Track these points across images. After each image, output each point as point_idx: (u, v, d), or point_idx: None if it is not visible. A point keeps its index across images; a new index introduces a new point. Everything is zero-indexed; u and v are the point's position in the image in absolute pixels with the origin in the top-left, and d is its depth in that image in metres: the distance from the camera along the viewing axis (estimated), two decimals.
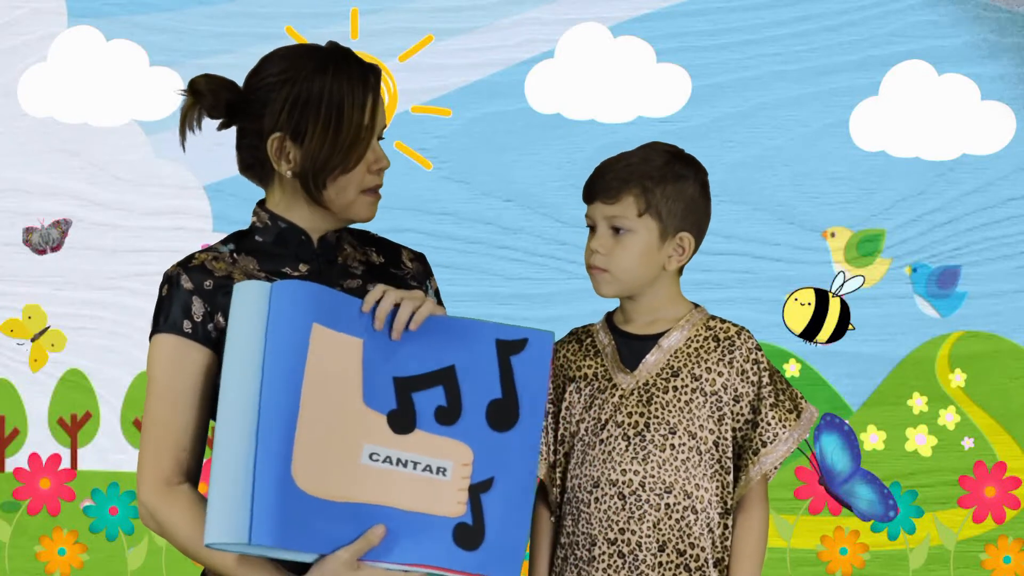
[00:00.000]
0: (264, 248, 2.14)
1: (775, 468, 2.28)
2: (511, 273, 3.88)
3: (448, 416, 2.04)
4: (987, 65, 3.91)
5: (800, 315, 3.92)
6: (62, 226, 3.94)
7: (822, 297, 3.92)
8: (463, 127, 3.90)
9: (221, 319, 2.06)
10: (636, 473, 2.24)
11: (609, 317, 2.37)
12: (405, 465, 2.02)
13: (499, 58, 3.93)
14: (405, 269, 2.23)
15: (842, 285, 3.92)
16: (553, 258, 3.90)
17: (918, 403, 3.91)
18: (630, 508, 2.24)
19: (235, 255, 2.13)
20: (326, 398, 1.97)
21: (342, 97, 2.06)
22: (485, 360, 2.07)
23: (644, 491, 2.24)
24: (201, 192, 3.93)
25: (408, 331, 2.02)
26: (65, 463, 3.93)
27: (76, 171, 3.93)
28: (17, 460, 3.92)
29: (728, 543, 2.27)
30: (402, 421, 2.02)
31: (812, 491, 3.91)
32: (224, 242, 2.16)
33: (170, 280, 2.10)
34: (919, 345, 3.92)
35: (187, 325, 2.06)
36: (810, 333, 3.92)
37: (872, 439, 3.91)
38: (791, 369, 3.90)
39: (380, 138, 2.13)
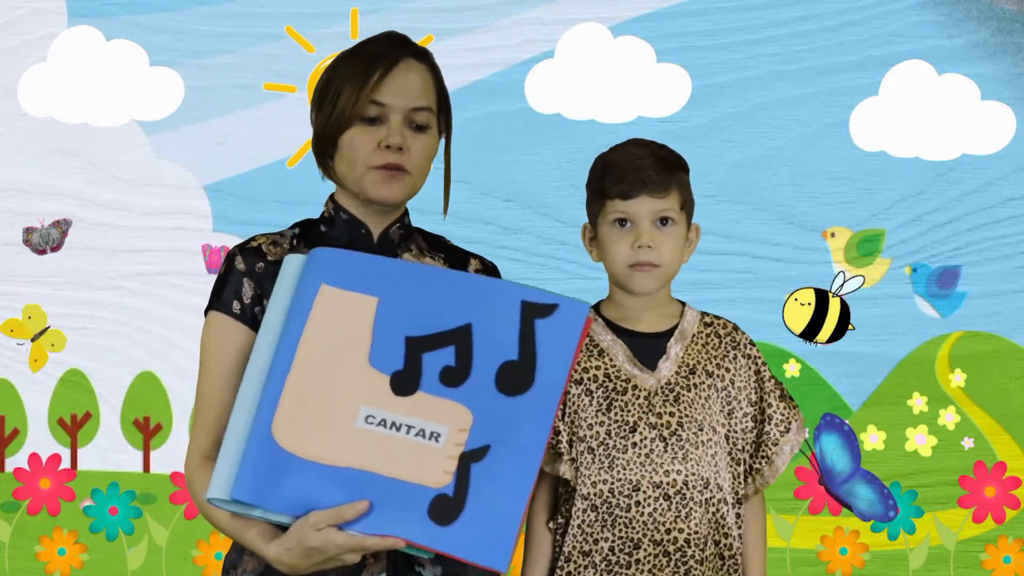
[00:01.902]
0: (325, 238, 2.18)
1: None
2: (511, 273, 3.82)
3: (454, 377, 1.92)
4: (987, 65, 3.91)
5: (800, 315, 3.92)
6: (62, 226, 3.93)
7: (822, 297, 3.92)
8: (463, 127, 3.87)
9: (267, 303, 2.08)
10: (679, 473, 2.24)
11: (600, 314, 2.34)
12: (399, 429, 1.91)
13: (499, 58, 3.93)
14: None
15: (842, 285, 3.92)
16: (553, 258, 3.90)
17: (918, 403, 3.91)
18: (676, 508, 2.23)
19: (295, 241, 2.18)
20: (324, 359, 1.93)
21: (347, 74, 2.13)
22: (506, 321, 1.95)
23: (688, 489, 2.24)
24: (201, 192, 3.93)
25: (429, 289, 1.96)
26: (65, 463, 3.92)
27: (76, 171, 3.93)
28: (17, 460, 3.92)
29: (740, 532, 2.30)
30: (405, 382, 1.92)
31: (812, 491, 3.91)
32: (291, 227, 2.21)
33: (229, 260, 2.15)
34: (919, 345, 3.92)
35: (236, 306, 2.11)
36: (810, 333, 3.92)
37: (872, 439, 3.91)
38: (791, 369, 3.90)
39: (414, 124, 2.14)
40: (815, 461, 3.90)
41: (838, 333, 3.92)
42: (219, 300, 2.13)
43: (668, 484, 2.23)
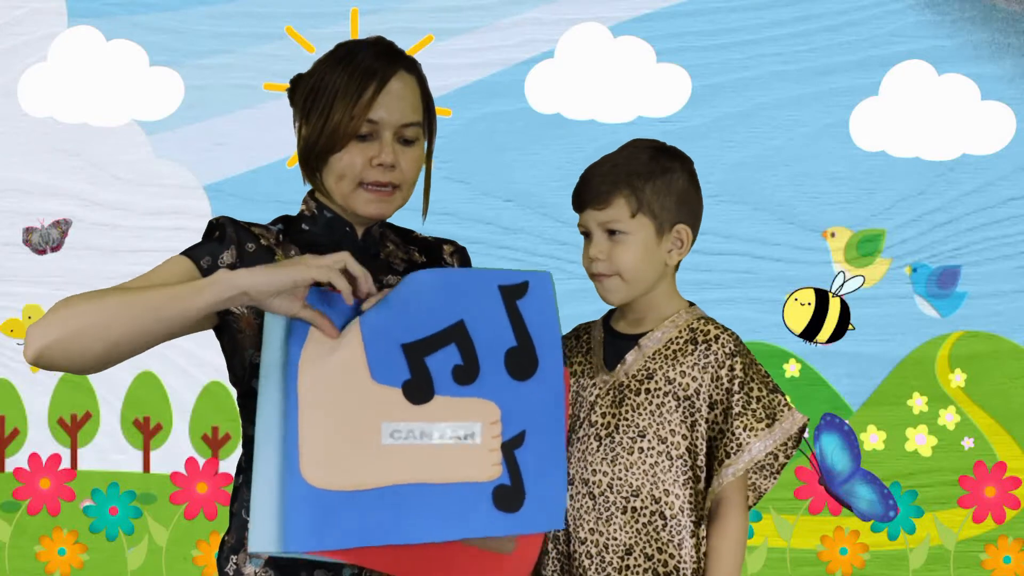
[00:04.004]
0: (309, 237, 2.17)
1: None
2: None
3: (466, 375, 1.95)
4: (987, 65, 3.91)
5: (800, 315, 3.92)
6: (62, 226, 3.93)
7: (822, 297, 3.92)
8: (463, 127, 3.90)
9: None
10: (605, 474, 2.21)
11: (609, 315, 2.35)
12: (431, 437, 1.93)
13: (499, 58, 3.93)
14: (445, 266, 2.26)
15: (842, 285, 3.92)
16: (553, 258, 3.90)
17: (918, 403, 3.91)
18: (599, 509, 2.21)
19: (281, 236, 2.17)
20: (328, 389, 1.92)
21: (339, 87, 2.10)
22: (493, 309, 1.98)
23: (612, 493, 2.21)
24: (201, 192, 3.93)
25: (409, 294, 1.96)
26: (65, 463, 3.92)
27: (76, 171, 3.93)
28: (17, 460, 3.92)
29: (704, 552, 2.23)
30: (419, 390, 1.93)
31: (812, 491, 3.91)
32: (274, 223, 2.20)
33: (219, 226, 2.13)
34: (919, 345, 3.92)
35: (206, 262, 2.09)
36: (810, 333, 3.92)
37: (872, 439, 3.91)
38: (791, 369, 3.90)
39: (403, 139, 2.13)
40: (815, 461, 3.90)
41: (838, 333, 3.92)
42: (191, 250, 2.11)
43: (594, 484, 2.22)
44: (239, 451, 2.19)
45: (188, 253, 2.10)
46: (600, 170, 2.25)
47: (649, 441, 2.21)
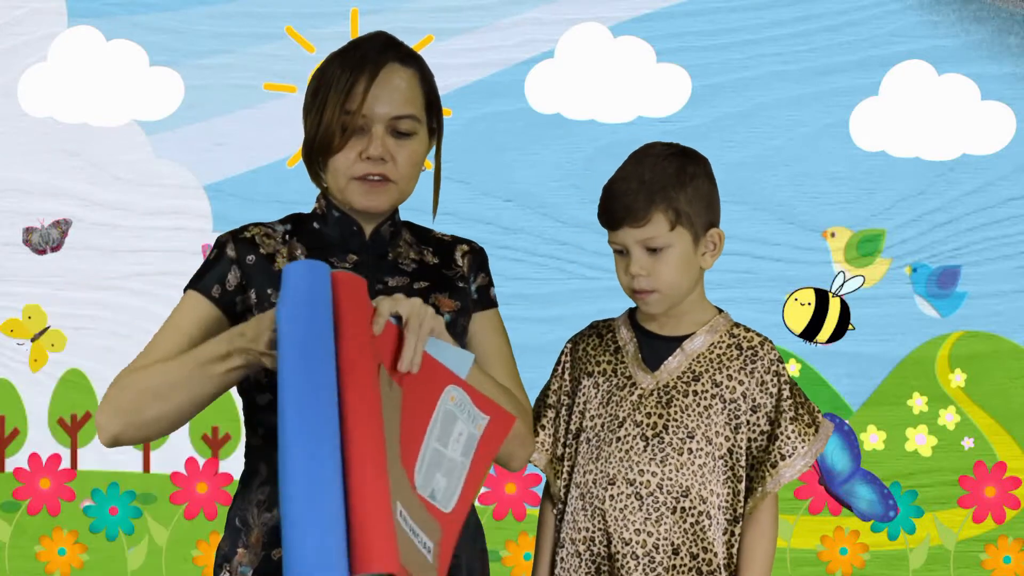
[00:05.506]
0: (319, 235, 2.17)
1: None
2: (511, 273, 3.88)
3: None
4: (987, 65, 3.91)
5: (800, 315, 3.92)
6: (62, 226, 3.93)
7: (822, 297, 3.92)
8: (463, 127, 3.90)
9: (252, 295, 2.09)
10: (654, 475, 2.22)
11: (632, 313, 2.35)
12: None
13: (499, 58, 3.93)
14: (455, 269, 2.23)
15: (842, 285, 3.92)
16: (553, 258, 3.90)
17: (918, 403, 3.91)
18: (647, 509, 2.22)
19: (287, 237, 2.16)
20: None
21: (332, 82, 2.09)
22: None
23: (661, 493, 2.22)
24: (201, 192, 3.93)
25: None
26: (65, 463, 3.92)
27: (76, 171, 3.93)
28: (17, 460, 3.92)
29: (735, 549, 2.26)
30: None
31: (812, 491, 3.91)
32: (282, 221, 2.20)
33: (219, 246, 2.14)
34: (919, 345, 3.92)
35: (216, 290, 2.10)
36: (810, 333, 3.92)
37: (872, 439, 3.91)
38: (791, 369, 3.90)
39: (397, 131, 2.10)
40: (815, 461, 3.90)
41: (838, 333, 3.92)
42: (200, 282, 2.11)
43: (641, 484, 2.22)
44: (239, 452, 2.19)
45: (197, 288, 2.11)
46: (629, 186, 2.22)
47: (698, 442, 2.23)
